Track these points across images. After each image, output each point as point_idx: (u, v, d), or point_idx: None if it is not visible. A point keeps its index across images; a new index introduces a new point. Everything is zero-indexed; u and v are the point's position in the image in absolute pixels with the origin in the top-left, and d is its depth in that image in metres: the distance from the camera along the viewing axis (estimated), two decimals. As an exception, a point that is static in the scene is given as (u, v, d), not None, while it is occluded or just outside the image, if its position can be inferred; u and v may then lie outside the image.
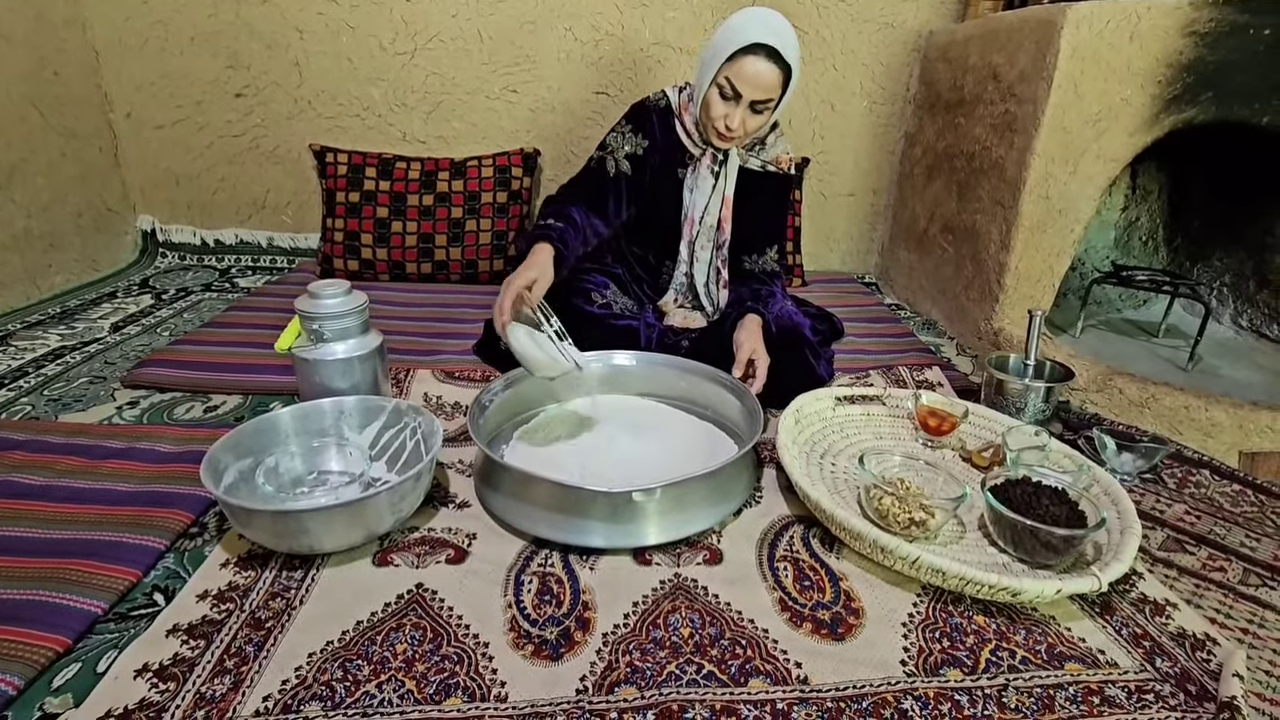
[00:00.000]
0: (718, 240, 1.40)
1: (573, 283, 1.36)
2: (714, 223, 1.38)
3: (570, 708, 0.67)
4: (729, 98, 1.21)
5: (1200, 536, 0.98)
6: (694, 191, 1.37)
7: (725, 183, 1.36)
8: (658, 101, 1.35)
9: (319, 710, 0.65)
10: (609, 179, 1.33)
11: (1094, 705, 0.70)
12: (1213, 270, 1.80)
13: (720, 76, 1.20)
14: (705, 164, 1.35)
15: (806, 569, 0.87)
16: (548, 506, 0.89)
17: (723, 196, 1.36)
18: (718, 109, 1.23)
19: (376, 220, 1.85)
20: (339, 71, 1.92)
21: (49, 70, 1.71)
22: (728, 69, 1.19)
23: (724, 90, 1.21)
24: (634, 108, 1.37)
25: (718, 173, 1.35)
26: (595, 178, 1.34)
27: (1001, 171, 1.53)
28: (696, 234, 1.39)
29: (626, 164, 1.32)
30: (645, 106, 1.35)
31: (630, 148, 1.32)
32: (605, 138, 1.36)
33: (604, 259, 1.46)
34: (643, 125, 1.33)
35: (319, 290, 1.05)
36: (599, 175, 1.34)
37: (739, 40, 1.17)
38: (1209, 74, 1.35)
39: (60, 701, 0.65)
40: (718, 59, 1.20)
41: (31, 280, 1.68)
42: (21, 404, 1.20)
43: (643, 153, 1.32)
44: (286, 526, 0.80)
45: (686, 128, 1.33)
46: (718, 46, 1.20)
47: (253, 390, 1.27)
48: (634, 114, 1.35)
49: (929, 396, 1.20)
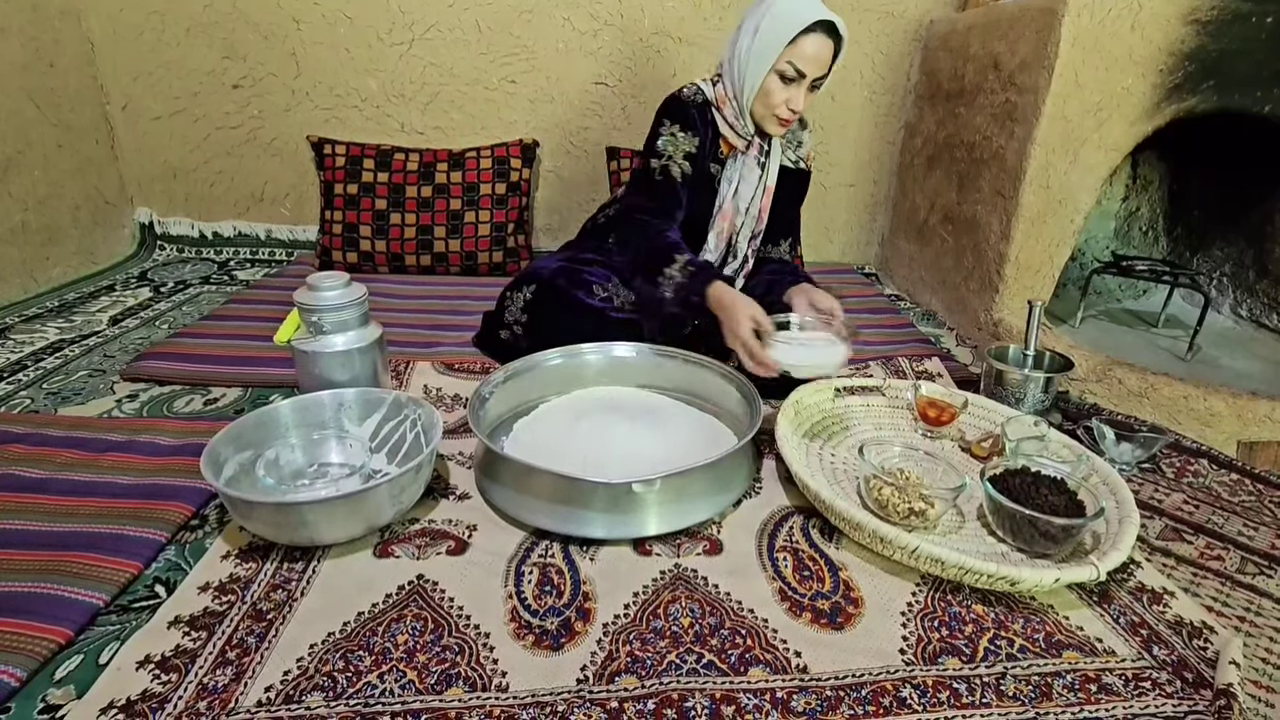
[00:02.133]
0: (756, 229, 1.40)
1: (574, 274, 1.35)
2: (756, 212, 1.38)
3: (571, 697, 0.67)
4: (791, 79, 1.20)
5: (1198, 525, 0.98)
6: (736, 183, 1.34)
7: (768, 174, 1.35)
8: (694, 96, 1.30)
9: (321, 701, 0.65)
10: (678, 185, 1.28)
11: (1091, 693, 0.70)
12: (1213, 260, 1.79)
13: (781, 61, 1.19)
14: (752, 155, 1.33)
15: (806, 559, 0.88)
16: (548, 498, 0.89)
17: (765, 186, 1.36)
18: (779, 94, 1.21)
19: (375, 212, 1.85)
20: (336, 62, 1.91)
21: (44, 62, 1.70)
22: (790, 52, 1.18)
23: (785, 74, 1.19)
24: (673, 106, 1.30)
25: (764, 164, 1.34)
26: (666, 189, 1.28)
27: (1002, 161, 1.53)
28: (740, 225, 1.37)
29: (686, 165, 1.28)
30: (684, 103, 1.29)
31: (687, 148, 1.28)
32: (656, 144, 1.29)
33: (610, 254, 1.45)
34: (690, 123, 1.29)
35: (318, 282, 1.05)
36: (668, 185, 1.28)
37: (799, 21, 1.16)
38: (1211, 62, 1.35)
39: (63, 693, 0.66)
40: (777, 44, 1.17)
41: (29, 273, 1.67)
42: (21, 397, 1.20)
43: (696, 150, 1.29)
44: (287, 519, 0.81)
45: (728, 120, 1.30)
46: (773, 31, 1.18)
47: (252, 383, 1.27)
48: (676, 112, 1.29)
49: (928, 387, 1.20)
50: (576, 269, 1.36)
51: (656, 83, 1.99)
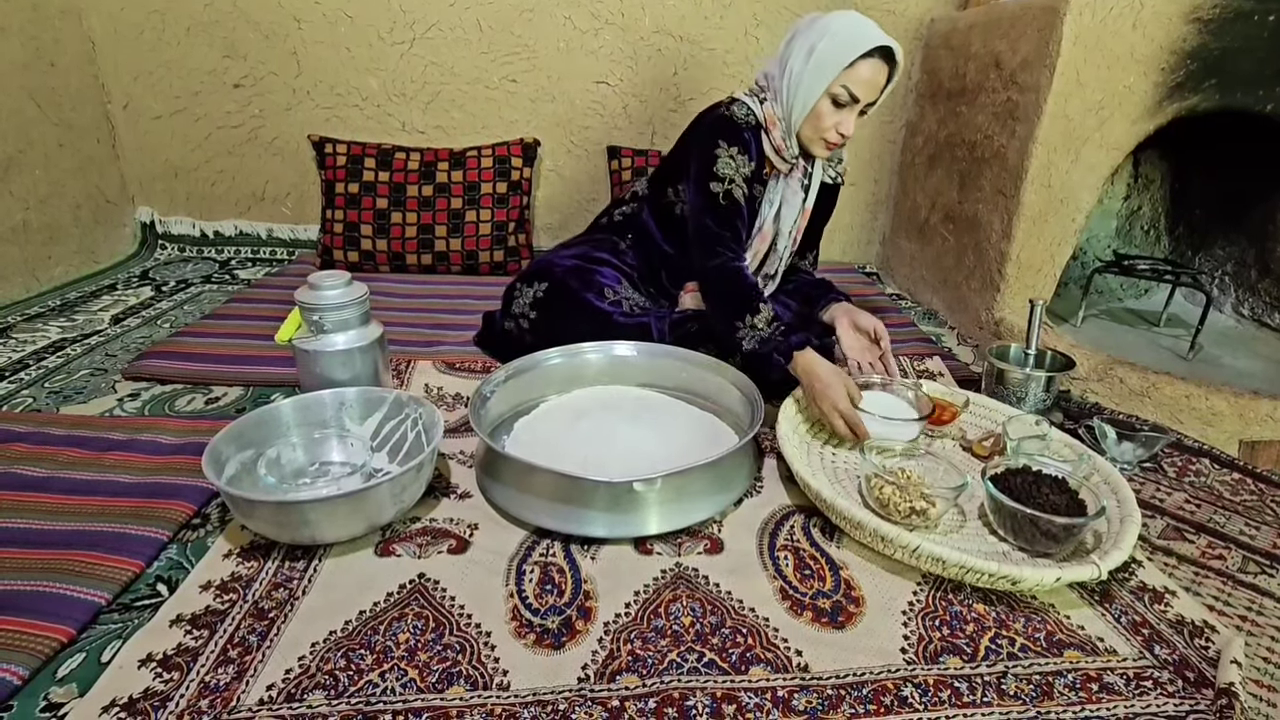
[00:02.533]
0: (793, 249, 1.40)
1: (586, 275, 1.32)
2: (796, 234, 1.37)
3: (572, 696, 0.67)
4: (843, 104, 1.17)
5: (1200, 525, 0.98)
6: (778, 205, 1.32)
7: (810, 196, 1.33)
8: (746, 118, 1.24)
9: (322, 699, 0.66)
10: (742, 209, 1.24)
11: (1092, 692, 0.70)
12: (1214, 259, 1.79)
13: (835, 85, 1.15)
14: (796, 177, 1.31)
15: (807, 558, 0.88)
16: (549, 497, 0.89)
17: (805, 209, 1.35)
18: (830, 119, 1.18)
19: (376, 211, 1.85)
20: (337, 61, 1.91)
21: (45, 61, 1.70)
22: (845, 76, 1.15)
23: (839, 98, 1.16)
24: (728, 129, 1.23)
25: (807, 186, 1.32)
26: (733, 213, 1.23)
27: (1003, 160, 1.53)
28: (785, 249, 1.36)
29: (745, 188, 1.24)
30: (738, 125, 1.23)
31: (745, 171, 1.24)
32: (715, 167, 1.22)
33: (622, 255, 1.41)
34: (746, 146, 1.24)
35: (319, 281, 1.05)
36: (734, 209, 1.23)
37: (859, 46, 1.13)
38: (1213, 61, 1.34)
39: (65, 691, 0.66)
40: (833, 68, 1.14)
41: (31, 272, 1.67)
42: (23, 396, 1.20)
43: (751, 173, 1.25)
44: (288, 517, 0.81)
45: (774, 142, 1.25)
46: (830, 55, 1.14)
47: (254, 382, 1.27)
48: (732, 135, 1.23)
49: (930, 386, 1.20)
50: (589, 269, 1.34)
51: (657, 82, 1.99)
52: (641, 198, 1.43)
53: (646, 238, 1.40)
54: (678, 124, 2.03)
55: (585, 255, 1.39)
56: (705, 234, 1.23)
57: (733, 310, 1.15)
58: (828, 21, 1.17)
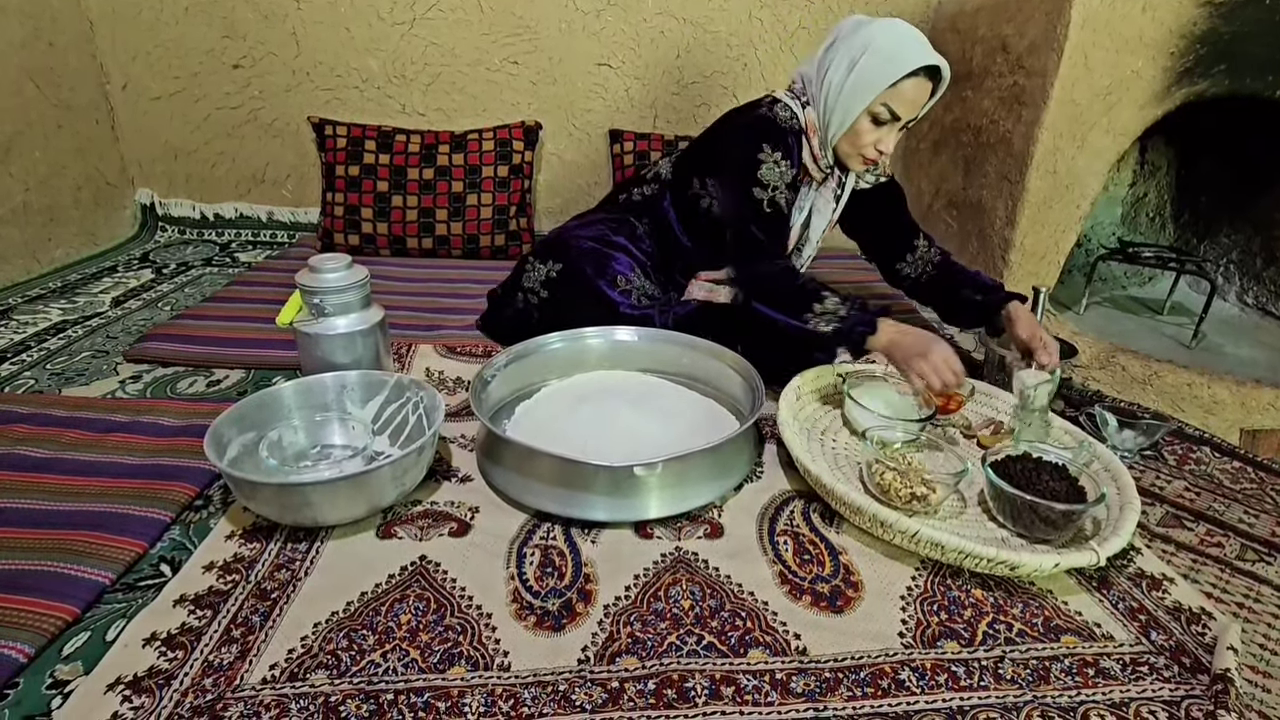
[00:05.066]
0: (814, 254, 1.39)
1: (602, 261, 1.30)
2: (819, 240, 1.36)
3: (572, 677, 0.68)
4: (884, 122, 1.13)
5: (1199, 513, 0.98)
6: (807, 213, 1.30)
7: (840, 204, 1.31)
8: (790, 122, 1.20)
9: (325, 678, 0.66)
10: (786, 218, 1.23)
11: (1089, 677, 0.70)
12: (1219, 247, 1.78)
13: (877, 104, 1.11)
14: (830, 187, 1.28)
15: (806, 543, 0.88)
16: (550, 480, 0.90)
17: (832, 219, 1.33)
18: (869, 136, 1.15)
19: (377, 194, 1.84)
20: (337, 42, 1.89)
21: (44, 41, 1.68)
22: (889, 95, 1.10)
23: (879, 116, 1.13)
24: (772, 131, 1.19)
25: (839, 196, 1.30)
26: (778, 222, 1.21)
27: (1009, 146, 1.52)
28: (809, 257, 1.36)
29: (789, 194, 1.22)
30: (782, 129, 1.19)
31: (788, 176, 1.20)
32: (759, 173, 1.18)
33: (639, 242, 1.37)
34: (789, 151, 1.20)
35: (320, 264, 1.04)
36: (779, 218, 1.21)
37: (904, 65, 1.08)
38: (1223, 45, 1.33)
39: (70, 669, 0.67)
40: (876, 86, 1.10)
41: (31, 254, 1.67)
42: (24, 378, 1.20)
43: (792, 179, 1.22)
44: (290, 499, 0.81)
45: (814, 150, 1.22)
46: (873, 72, 1.10)
47: (255, 365, 1.27)
48: (776, 139, 1.19)
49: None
50: (606, 254, 1.31)
51: (660, 64, 1.97)
52: (664, 181, 1.38)
53: (665, 227, 1.36)
54: (680, 107, 2.02)
55: (602, 238, 1.34)
56: (750, 242, 1.20)
57: (799, 303, 1.14)
58: (872, 33, 1.11)
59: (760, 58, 1.98)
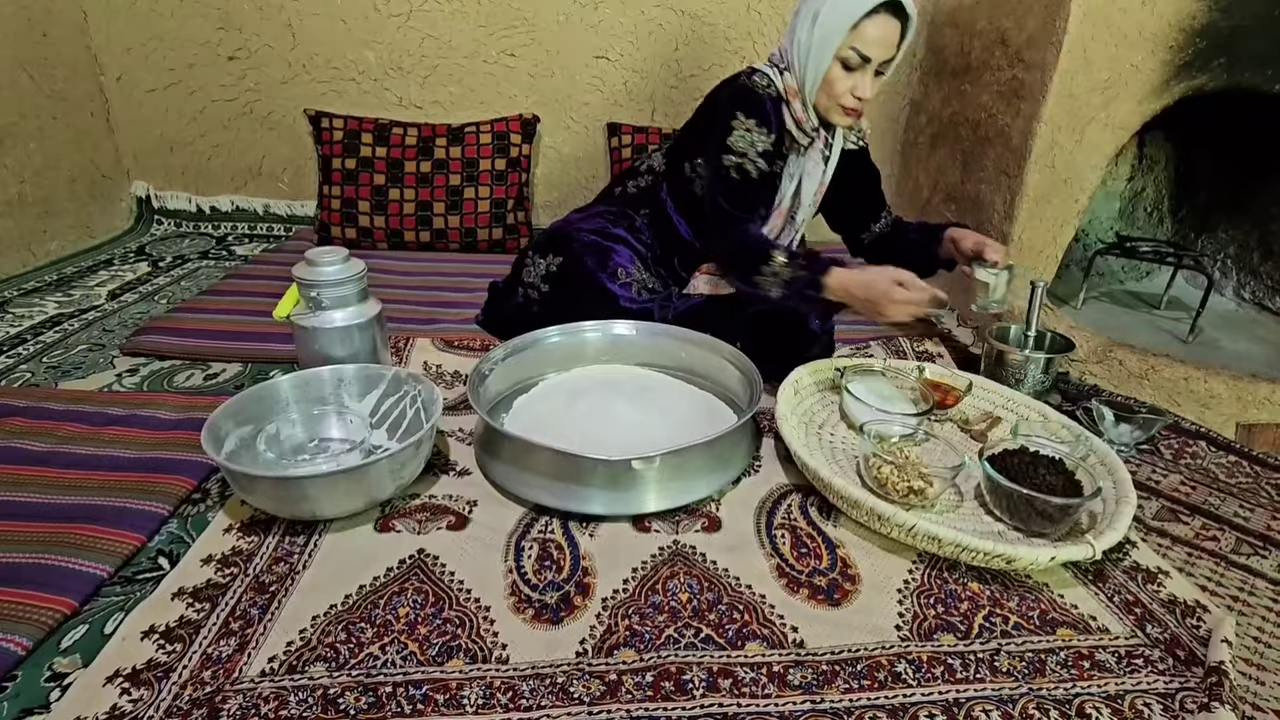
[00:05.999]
0: (809, 219, 1.37)
1: (603, 254, 1.29)
2: (815, 204, 1.34)
3: (570, 669, 0.68)
4: (855, 67, 1.13)
5: (1194, 506, 0.99)
6: (798, 179, 1.29)
7: (830, 166, 1.30)
8: (767, 89, 1.20)
9: (324, 671, 0.66)
10: (756, 186, 1.21)
11: (1084, 669, 0.71)
12: (1217, 242, 1.78)
13: (844, 48, 1.11)
14: (817, 148, 1.27)
15: (804, 536, 0.88)
16: (548, 474, 0.90)
17: (824, 182, 1.31)
18: (843, 84, 1.14)
19: (374, 187, 1.83)
20: (333, 34, 1.88)
21: (37, 31, 1.67)
22: (853, 38, 1.10)
23: (849, 61, 1.12)
24: (748, 98, 1.20)
25: (828, 156, 1.29)
26: (744, 190, 1.21)
27: (1007, 140, 1.51)
28: (801, 220, 1.34)
29: (762, 163, 1.19)
30: (758, 95, 1.19)
31: (762, 145, 1.19)
32: (729, 140, 1.19)
33: (639, 234, 1.36)
34: (766, 119, 1.19)
35: (317, 257, 1.04)
36: (746, 186, 1.20)
37: (862, 5, 1.08)
38: (1222, 39, 1.32)
39: (69, 661, 0.67)
40: (839, 30, 1.10)
41: (27, 247, 1.66)
42: (21, 371, 1.20)
43: (772, 148, 1.20)
44: (288, 493, 0.81)
45: (795, 115, 1.21)
46: (834, 18, 1.10)
47: (252, 358, 1.27)
48: (751, 105, 1.19)
49: (933, 369, 1.20)
50: (607, 248, 1.30)
51: (659, 57, 1.96)
52: (658, 171, 1.37)
53: (663, 218, 1.36)
54: (678, 100, 2.01)
55: (603, 231, 1.34)
56: (717, 213, 1.19)
57: (748, 266, 1.13)
58: None
59: (759, 50, 1.97)
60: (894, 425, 1.03)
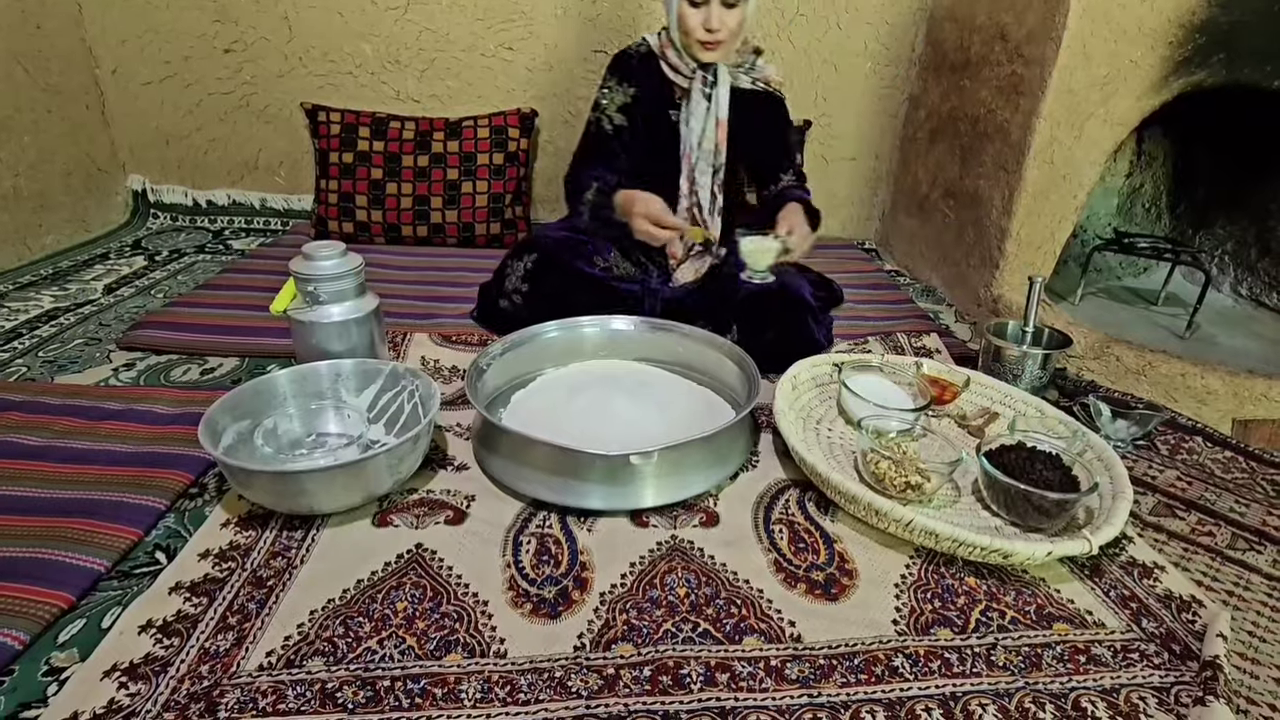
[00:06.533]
0: (715, 164, 1.38)
1: (576, 245, 1.34)
2: (711, 146, 1.37)
3: (568, 664, 0.68)
4: (700, 3, 1.22)
5: (1191, 502, 0.99)
6: (689, 122, 1.35)
7: (717, 104, 1.34)
8: (638, 48, 1.36)
9: (322, 665, 0.66)
10: (609, 138, 1.35)
11: (1080, 664, 0.71)
12: (1215, 238, 1.78)
13: None
14: (697, 88, 1.34)
15: (801, 531, 0.88)
16: (546, 469, 0.90)
17: (716, 118, 1.35)
18: (693, 19, 1.23)
19: (371, 182, 1.83)
20: (330, 26, 1.87)
21: (31, 24, 1.65)
22: None
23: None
24: (614, 59, 1.38)
25: (710, 94, 1.34)
26: (597, 140, 1.36)
27: (1006, 135, 1.51)
28: (696, 160, 1.37)
29: (621, 117, 1.34)
30: (626, 54, 1.37)
31: (621, 98, 1.34)
32: (595, 98, 1.38)
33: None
34: (627, 74, 1.35)
35: (314, 252, 1.04)
36: (600, 137, 1.36)
37: None
38: (1221, 35, 1.32)
39: (66, 656, 0.67)
40: None
41: (22, 240, 1.65)
42: (16, 365, 1.19)
43: (632, 100, 1.33)
44: (286, 487, 0.81)
45: (672, 64, 1.33)
46: None
47: (249, 353, 1.27)
48: (616, 65, 1.37)
49: (930, 365, 1.20)
50: (579, 241, 1.35)
51: (657, 51, 1.95)
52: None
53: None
54: (677, 95, 2.00)
55: (574, 228, 1.39)
56: (573, 161, 1.36)
57: (576, 200, 1.29)
58: None
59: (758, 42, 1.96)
60: (892, 420, 1.03)
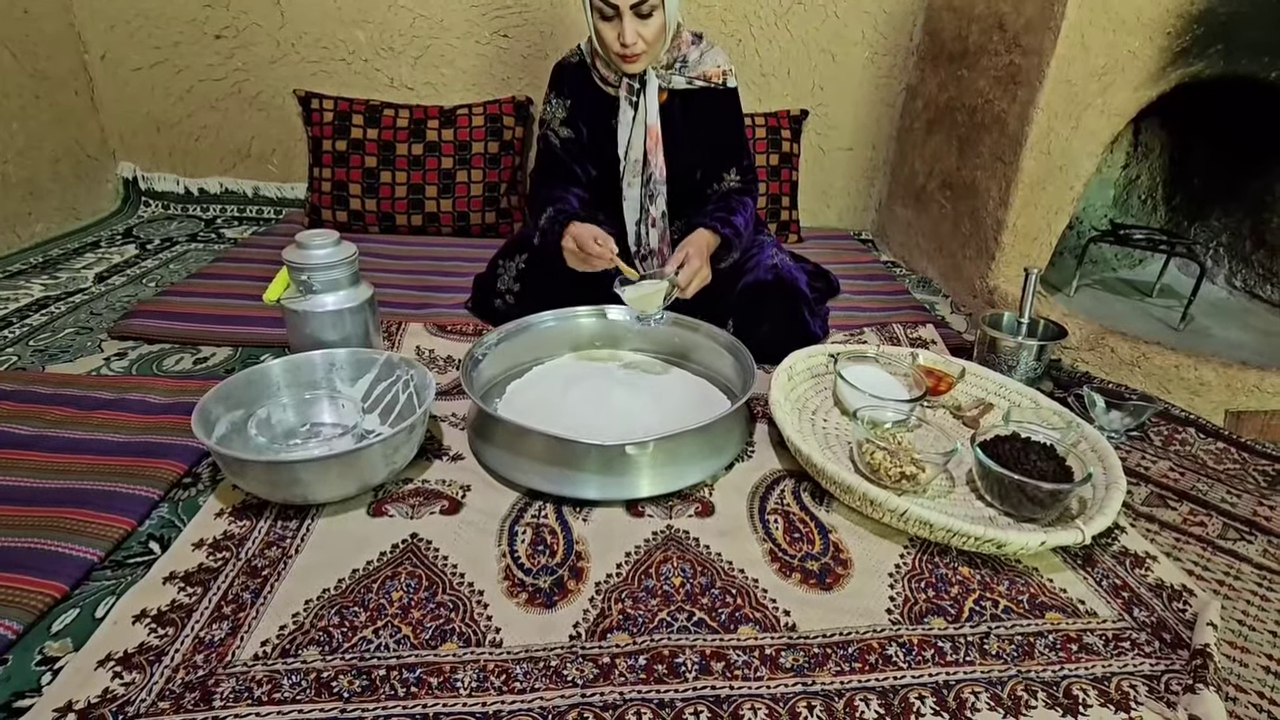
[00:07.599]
0: (645, 176, 1.30)
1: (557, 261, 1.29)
2: (638, 156, 1.30)
3: (564, 652, 0.68)
4: (610, 17, 1.17)
5: (1183, 492, 1.00)
6: (619, 131, 1.31)
7: (645, 112, 1.27)
8: (571, 58, 1.34)
9: (317, 654, 0.66)
10: (558, 152, 1.33)
11: (1072, 652, 0.72)
12: (1210, 230, 1.79)
13: (597, 1, 1.15)
14: (623, 97, 1.29)
15: (796, 521, 0.89)
16: (541, 459, 0.90)
17: (645, 126, 1.28)
18: (607, 33, 1.19)
19: (365, 170, 1.81)
20: (322, 12, 1.85)
21: (18, 8, 1.63)
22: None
23: (603, 11, 1.16)
24: (553, 70, 1.35)
25: (636, 102, 1.28)
26: (549, 157, 1.34)
27: (1003, 126, 1.51)
28: (624, 170, 1.31)
29: (566, 130, 1.32)
30: (561, 67, 1.34)
31: (561, 113, 1.32)
32: (541, 113, 1.36)
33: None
34: (561, 87, 1.33)
35: (307, 240, 1.03)
36: (550, 154, 1.34)
37: None
38: (1219, 26, 1.32)
39: (60, 645, 0.66)
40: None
41: (11, 228, 1.64)
42: (7, 354, 1.18)
43: (568, 113, 1.31)
44: (280, 477, 0.81)
45: (602, 74, 1.30)
46: None
47: (242, 342, 1.26)
48: (553, 78, 1.35)
49: (926, 355, 1.20)
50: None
51: (654, 39, 1.94)
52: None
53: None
54: (674, 84, 1.99)
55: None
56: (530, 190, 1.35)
57: (536, 217, 1.27)
58: None
59: (754, 34, 1.95)
60: (887, 411, 1.03)
